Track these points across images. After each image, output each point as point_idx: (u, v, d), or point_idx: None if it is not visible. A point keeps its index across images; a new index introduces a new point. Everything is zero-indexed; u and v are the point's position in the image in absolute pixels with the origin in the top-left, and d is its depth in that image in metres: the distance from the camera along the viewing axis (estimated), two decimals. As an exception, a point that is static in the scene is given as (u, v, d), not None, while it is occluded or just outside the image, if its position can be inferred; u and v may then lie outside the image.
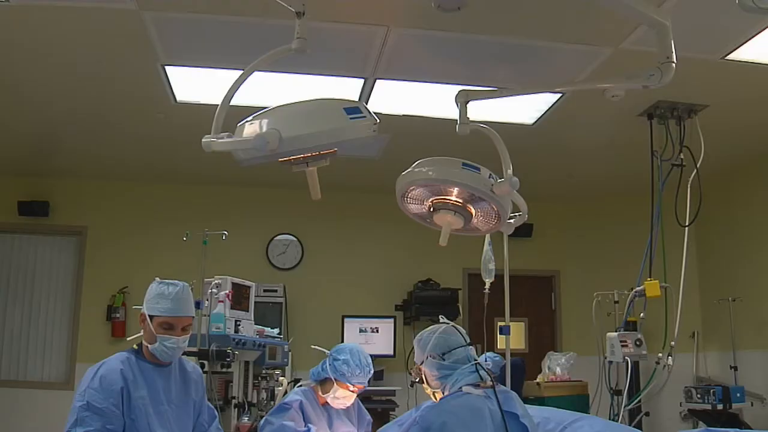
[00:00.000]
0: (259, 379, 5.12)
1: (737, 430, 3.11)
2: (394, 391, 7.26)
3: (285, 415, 3.37)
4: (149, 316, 3.02)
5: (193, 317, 3.16)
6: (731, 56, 4.85)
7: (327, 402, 3.54)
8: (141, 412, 2.91)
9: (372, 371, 3.50)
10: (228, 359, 4.47)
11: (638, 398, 5.49)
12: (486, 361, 3.31)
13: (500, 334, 5.05)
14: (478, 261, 4.62)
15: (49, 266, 8.38)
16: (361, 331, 7.75)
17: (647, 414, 7.36)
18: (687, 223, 5.45)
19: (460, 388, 2.85)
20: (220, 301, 4.82)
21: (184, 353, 3.31)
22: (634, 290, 5.34)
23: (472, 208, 3.07)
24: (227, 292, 4.88)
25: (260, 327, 5.29)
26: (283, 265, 8.57)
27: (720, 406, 7.04)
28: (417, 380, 3.10)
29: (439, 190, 3.03)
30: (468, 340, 3.03)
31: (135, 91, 5.75)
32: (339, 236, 8.68)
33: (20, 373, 8.12)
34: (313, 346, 3.80)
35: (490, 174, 2.97)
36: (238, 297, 5.09)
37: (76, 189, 8.34)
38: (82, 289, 8.26)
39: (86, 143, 7.16)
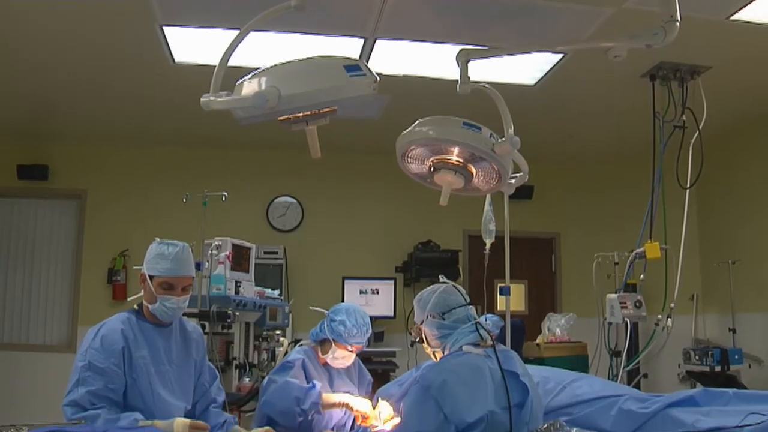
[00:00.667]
0: (260, 340, 5.15)
1: (735, 389, 3.11)
2: (394, 352, 7.30)
3: (288, 373, 3.37)
4: (149, 276, 3.01)
5: (193, 277, 3.15)
6: (735, 17, 4.80)
7: (327, 362, 3.55)
8: (142, 372, 2.92)
9: (370, 331, 3.50)
10: (228, 320, 4.49)
11: (637, 359, 5.52)
12: (486, 321, 3.32)
13: (500, 294, 5.06)
14: (479, 223, 4.61)
15: (49, 230, 8.38)
16: (361, 292, 7.77)
17: (645, 375, 7.42)
18: (688, 185, 5.43)
19: (461, 347, 2.85)
20: (220, 263, 4.83)
21: (185, 314, 3.31)
22: (634, 252, 5.34)
23: (472, 167, 3.05)
24: (227, 253, 4.89)
25: (260, 288, 5.31)
26: (283, 227, 8.57)
27: (718, 368, 7.09)
28: (417, 340, 3.10)
29: (439, 150, 3.01)
30: (468, 300, 3.03)
31: (133, 52, 5.69)
32: (339, 198, 8.67)
33: (22, 337, 8.17)
34: (311, 307, 3.80)
35: (491, 133, 2.95)
36: (239, 258, 5.10)
37: (76, 152, 8.30)
38: (83, 253, 8.27)
39: (85, 106, 7.11)
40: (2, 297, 8.20)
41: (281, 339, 4.94)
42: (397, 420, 2.92)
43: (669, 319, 5.19)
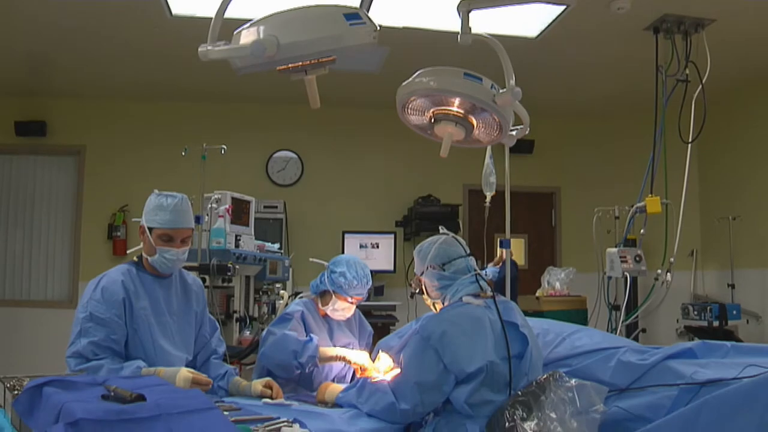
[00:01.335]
0: (260, 293, 5.18)
1: (733, 342, 3.12)
2: (394, 306, 7.33)
3: (287, 326, 3.38)
4: (148, 228, 3.01)
5: (193, 229, 3.15)
6: (741, -33, 4.73)
7: (327, 314, 3.55)
8: (143, 323, 2.93)
9: (370, 283, 3.50)
10: (229, 273, 4.50)
11: (636, 313, 5.54)
12: (486, 273, 3.32)
13: (500, 247, 5.05)
14: (479, 177, 4.59)
15: (48, 186, 8.37)
16: (361, 246, 7.78)
17: (644, 330, 7.48)
18: (690, 140, 5.39)
19: (460, 298, 2.86)
20: (220, 216, 4.83)
21: (185, 267, 3.31)
22: (634, 206, 5.33)
23: (473, 119, 3.02)
24: (227, 206, 4.87)
25: (260, 242, 5.31)
26: (283, 181, 8.54)
27: (716, 323, 7.13)
28: (417, 291, 3.11)
29: (440, 101, 2.98)
30: (468, 251, 3.03)
31: (130, 5, 5.62)
32: (339, 152, 8.64)
33: (23, 293, 8.22)
34: (311, 259, 3.79)
35: (492, 84, 2.92)
36: (238, 212, 5.09)
37: (73, 108, 8.25)
38: (82, 209, 8.27)
39: (82, 61, 7.04)
40: (2, 254, 8.21)
41: (281, 292, 4.95)
42: (397, 371, 2.93)
43: (668, 273, 5.20)
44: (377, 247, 7.90)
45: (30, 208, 8.32)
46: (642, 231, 5.36)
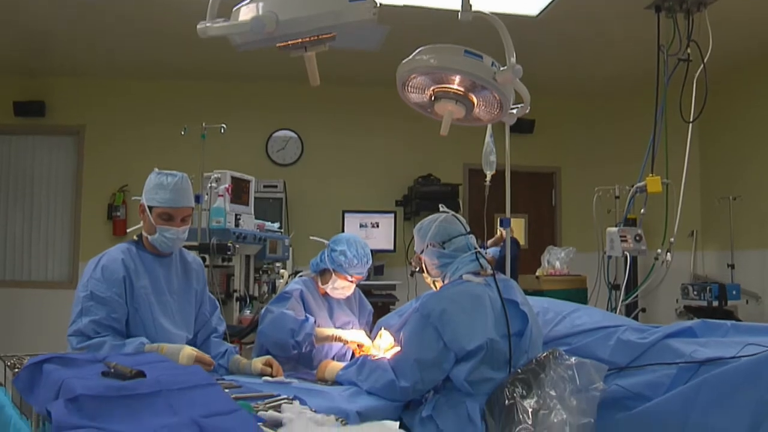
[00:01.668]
0: (260, 272, 5.17)
1: (733, 321, 3.12)
2: (394, 285, 7.34)
3: (285, 304, 3.38)
4: (148, 206, 3.00)
5: (193, 208, 3.14)
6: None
7: (327, 292, 3.55)
8: (143, 302, 2.93)
9: (370, 262, 3.49)
10: (229, 253, 4.49)
11: (636, 293, 5.54)
12: (486, 252, 3.32)
13: (500, 227, 5.04)
14: (479, 156, 4.57)
15: (48, 167, 8.35)
16: (361, 226, 7.78)
17: (643, 310, 7.49)
18: (691, 119, 5.37)
19: (461, 276, 2.86)
20: (219, 195, 4.81)
21: (185, 247, 3.31)
22: (635, 186, 5.31)
23: (474, 96, 3.01)
24: (227, 186, 4.86)
25: (260, 221, 5.30)
26: (282, 160, 8.53)
27: (716, 303, 7.15)
28: (417, 269, 3.11)
29: (440, 78, 2.97)
30: (468, 229, 3.03)
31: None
32: (339, 132, 8.61)
33: (24, 274, 8.23)
34: (311, 237, 3.78)
35: (493, 62, 2.90)
36: (238, 191, 5.08)
37: (72, 88, 8.22)
38: (82, 189, 8.26)
39: (81, 40, 7.01)
40: (2, 234, 8.22)
41: (281, 271, 4.95)
42: (397, 349, 2.94)
43: (668, 253, 5.19)
44: (377, 226, 7.89)
45: (29, 189, 8.31)
46: (642, 211, 5.34)
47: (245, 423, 1.47)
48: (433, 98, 3.07)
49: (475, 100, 3.03)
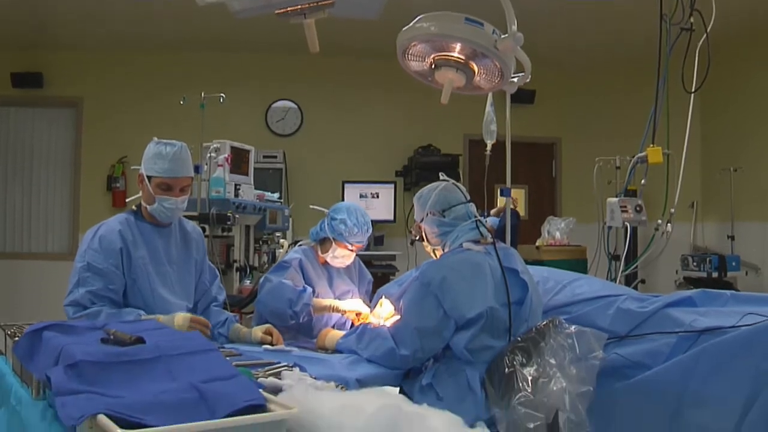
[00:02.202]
0: (260, 242, 5.17)
1: (733, 291, 3.13)
2: (394, 255, 7.35)
3: (284, 274, 3.38)
4: (147, 176, 2.97)
5: (192, 178, 3.11)
6: None
7: (327, 261, 3.55)
8: (142, 272, 2.92)
9: (370, 230, 3.48)
10: (228, 223, 4.49)
11: (636, 263, 5.53)
12: (486, 221, 3.30)
13: (501, 196, 5.03)
14: (479, 127, 4.54)
15: (47, 139, 8.33)
16: (361, 196, 7.77)
17: (643, 281, 7.50)
18: (693, 90, 5.33)
19: (461, 244, 2.86)
20: (219, 165, 4.79)
21: (184, 217, 3.29)
22: (636, 156, 5.29)
23: (474, 65, 2.99)
24: (226, 156, 4.84)
25: (260, 192, 5.28)
26: (282, 131, 8.50)
27: (715, 275, 7.16)
28: (417, 238, 3.11)
29: (441, 46, 2.95)
30: (468, 198, 3.02)
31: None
32: (339, 102, 8.58)
33: (24, 246, 8.24)
34: (311, 206, 3.77)
35: (494, 30, 2.88)
36: (238, 161, 5.06)
37: (70, 59, 8.17)
38: (81, 160, 8.25)
39: (78, 12, 6.94)
40: (2, 206, 8.22)
41: (281, 241, 4.95)
42: (397, 317, 2.94)
43: (669, 224, 5.18)
44: (377, 196, 7.89)
45: (29, 161, 8.29)
46: (643, 182, 5.32)
47: (245, 388, 1.47)
48: (433, 66, 3.05)
49: (475, 68, 3.01)
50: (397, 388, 2.75)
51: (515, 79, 3.35)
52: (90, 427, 1.46)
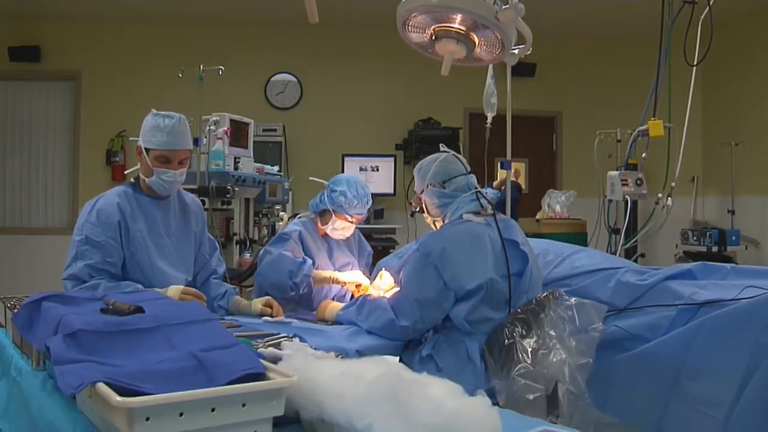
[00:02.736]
0: (260, 216, 5.16)
1: (733, 264, 3.13)
2: (394, 229, 7.37)
3: (284, 245, 3.37)
4: (145, 149, 2.95)
5: (191, 150, 3.09)
6: None
7: (326, 233, 3.54)
8: (140, 245, 2.90)
9: (370, 202, 3.47)
10: (228, 196, 4.48)
11: (636, 237, 5.53)
12: (486, 193, 3.29)
13: (501, 168, 5.02)
14: (480, 100, 4.52)
15: (45, 113, 8.30)
16: (361, 169, 7.76)
17: (643, 255, 7.50)
18: (695, 63, 5.30)
19: (461, 216, 2.85)
20: (218, 138, 4.77)
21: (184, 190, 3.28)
22: (637, 129, 5.27)
23: (475, 36, 2.96)
24: (225, 128, 4.82)
25: (260, 165, 5.27)
26: (282, 104, 8.48)
27: (715, 249, 7.16)
28: (417, 210, 3.10)
29: (441, 17, 2.92)
30: (468, 169, 3.00)
31: None
32: (339, 75, 8.54)
33: (24, 220, 8.24)
34: (311, 178, 3.76)
35: (495, 0, 2.85)
36: (237, 134, 5.04)
37: (68, 32, 8.13)
38: (80, 135, 8.23)
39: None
40: (1, 182, 8.21)
41: (281, 214, 4.94)
42: (397, 289, 2.94)
43: (669, 198, 5.17)
44: (377, 170, 7.89)
45: (27, 136, 8.27)
46: (644, 155, 5.31)
47: (244, 356, 1.47)
48: (433, 38, 3.03)
49: (476, 39, 2.98)
50: (397, 358, 2.76)
51: (516, 51, 3.33)
52: (89, 395, 1.46)
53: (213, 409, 1.32)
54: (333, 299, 3.44)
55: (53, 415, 1.64)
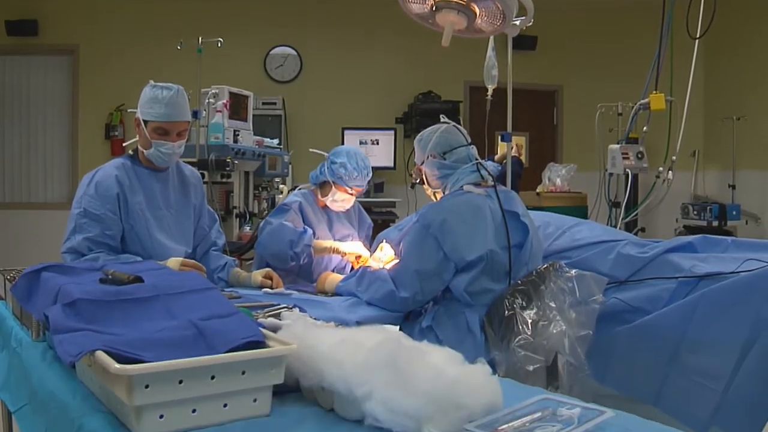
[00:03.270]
0: (260, 189, 5.15)
1: (733, 237, 3.12)
2: (394, 202, 7.36)
3: (284, 216, 3.36)
4: (143, 120, 2.92)
5: (189, 122, 3.07)
6: None
7: (326, 205, 3.54)
8: (139, 218, 2.89)
9: (370, 174, 3.46)
10: (227, 169, 4.47)
11: (636, 210, 5.53)
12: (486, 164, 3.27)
13: (501, 141, 5.00)
14: (480, 73, 4.48)
15: (43, 88, 8.25)
16: (361, 143, 7.73)
17: (643, 229, 7.51)
18: (698, 36, 5.26)
19: (461, 187, 2.84)
20: (217, 111, 4.75)
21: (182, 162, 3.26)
22: (638, 103, 5.25)
23: (475, 6, 2.94)
24: (225, 101, 4.79)
25: (259, 138, 5.25)
26: (281, 77, 8.45)
27: (715, 223, 7.17)
28: (417, 181, 3.08)
29: (442, -13, 2.89)
30: (469, 140, 2.99)
31: None
32: (339, 48, 8.50)
33: (23, 196, 8.22)
34: (311, 150, 3.74)
35: (497, -30, 2.83)
36: (237, 107, 5.01)
37: (66, 5, 8.06)
38: (79, 109, 8.19)
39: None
40: (1, 156, 8.17)
41: (281, 186, 4.93)
42: (397, 261, 2.93)
43: (670, 171, 5.16)
44: (377, 143, 7.87)
45: (25, 111, 8.23)
46: (645, 128, 5.30)
47: (244, 325, 1.47)
48: (434, 9, 3.00)
49: (477, 10, 2.96)
50: (397, 328, 2.76)
51: (517, 22, 3.31)
52: (89, 364, 1.46)
53: (213, 377, 1.33)
54: (333, 271, 3.43)
55: (53, 386, 1.63)
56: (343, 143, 7.59)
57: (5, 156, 8.18)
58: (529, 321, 2.54)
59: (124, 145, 3.40)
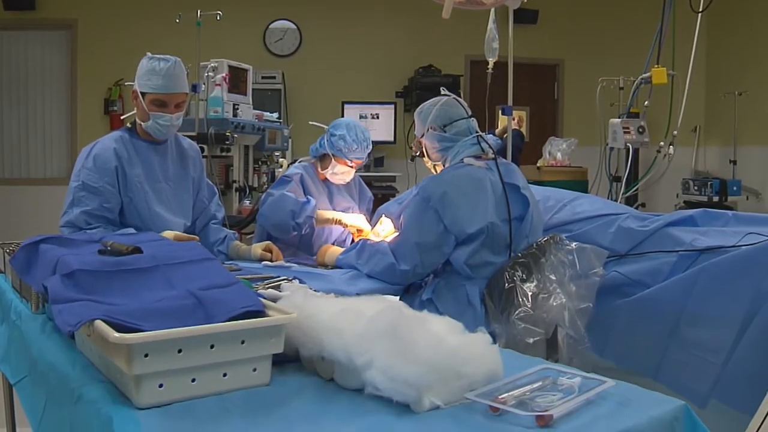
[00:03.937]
0: (260, 163, 5.14)
1: (734, 211, 3.12)
2: (395, 177, 7.35)
3: (286, 187, 3.35)
4: (141, 93, 2.90)
5: (187, 94, 3.04)
6: None
7: (327, 178, 3.53)
8: (138, 190, 2.88)
9: (370, 146, 3.45)
10: (227, 142, 4.45)
11: (637, 185, 5.52)
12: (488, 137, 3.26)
13: (502, 114, 4.97)
14: (480, 47, 4.46)
15: (41, 62, 8.20)
16: (361, 117, 7.71)
17: (643, 205, 7.51)
18: (701, 10, 5.22)
19: (461, 159, 2.82)
20: (217, 85, 4.73)
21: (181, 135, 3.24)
22: (640, 77, 5.22)
23: (477, -23, 2.91)
24: (224, 75, 4.77)
25: (259, 111, 5.23)
26: (281, 51, 8.42)
27: (716, 199, 7.16)
28: (417, 154, 3.07)
29: (443, -42, 2.86)
30: (469, 113, 2.97)
31: None
32: (338, 22, 8.46)
33: (22, 171, 8.20)
34: (311, 122, 3.72)
35: (499, -60, 2.79)
36: (236, 80, 4.99)
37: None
38: (77, 84, 8.15)
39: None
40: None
41: (281, 160, 4.91)
42: (398, 234, 2.93)
43: (671, 146, 5.14)
44: (377, 117, 7.85)
45: (24, 86, 8.19)
46: (646, 103, 5.27)
47: (243, 294, 1.46)
48: (435, -21, 2.97)
49: (478, -20, 2.94)
50: (397, 297, 2.75)
51: (519, -7, 3.28)
52: (88, 334, 1.46)
53: (212, 346, 1.32)
54: (333, 244, 3.43)
55: (53, 357, 1.64)
56: (343, 117, 7.58)
57: (4, 132, 8.14)
58: (530, 294, 2.54)
59: (122, 117, 3.39)
